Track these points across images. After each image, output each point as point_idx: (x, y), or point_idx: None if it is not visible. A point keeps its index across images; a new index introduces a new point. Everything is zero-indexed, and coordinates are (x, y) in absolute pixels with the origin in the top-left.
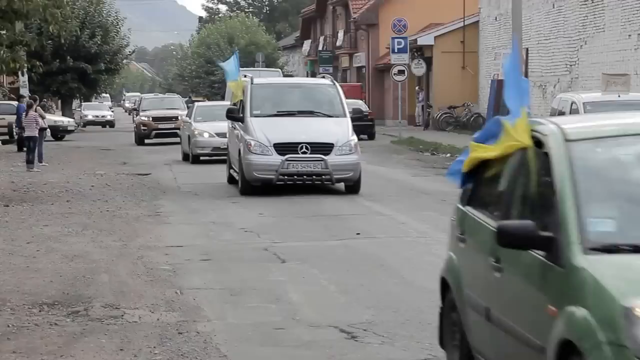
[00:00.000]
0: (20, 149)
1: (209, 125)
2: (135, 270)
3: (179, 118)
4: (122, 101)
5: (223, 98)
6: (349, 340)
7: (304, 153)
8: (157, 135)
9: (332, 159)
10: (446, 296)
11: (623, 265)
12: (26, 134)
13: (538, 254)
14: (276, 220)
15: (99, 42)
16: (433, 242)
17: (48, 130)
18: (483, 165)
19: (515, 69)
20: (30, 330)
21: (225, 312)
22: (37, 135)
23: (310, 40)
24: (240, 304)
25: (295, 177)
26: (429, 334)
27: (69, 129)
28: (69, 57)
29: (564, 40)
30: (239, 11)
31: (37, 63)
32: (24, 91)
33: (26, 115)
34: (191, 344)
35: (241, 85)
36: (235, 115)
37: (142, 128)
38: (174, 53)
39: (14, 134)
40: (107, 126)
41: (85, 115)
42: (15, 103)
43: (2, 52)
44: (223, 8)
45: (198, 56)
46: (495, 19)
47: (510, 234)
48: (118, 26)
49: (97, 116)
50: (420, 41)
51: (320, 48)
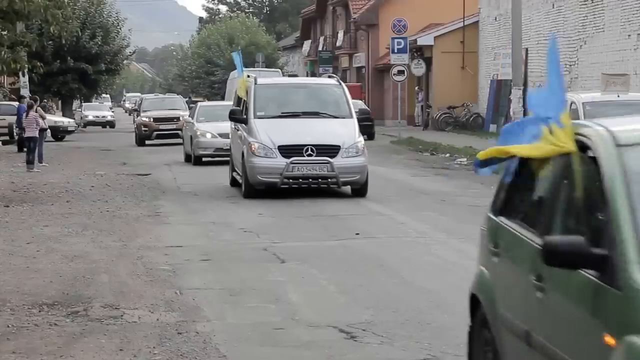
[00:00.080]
0: (20, 150)
1: (211, 126)
2: (135, 271)
3: (180, 119)
4: (123, 102)
5: (223, 98)
6: (348, 340)
7: (310, 155)
8: (158, 137)
9: (339, 161)
10: (476, 314)
11: None
12: (26, 134)
13: (589, 274)
14: (276, 220)
15: (99, 43)
16: (432, 242)
17: (48, 130)
18: (517, 171)
19: (554, 68)
20: (30, 330)
21: (224, 312)
22: (38, 135)
23: (310, 41)
24: (239, 304)
25: (300, 181)
26: (428, 334)
27: (69, 129)
28: (69, 58)
29: (564, 40)
30: (239, 12)
31: (38, 64)
32: (25, 92)
33: (26, 115)
34: (191, 344)
35: (244, 85)
36: (238, 116)
37: (143, 129)
38: (174, 53)
39: (15, 134)
40: (108, 127)
41: (86, 116)
42: (15, 104)
43: (3, 53)
44: (223, 8)
45: (198, 56)
46: (495, 19)
47: (559, 252)
48: (119, 27)
49: (98, 117)
50: (420, 41)
51: (320, 48)
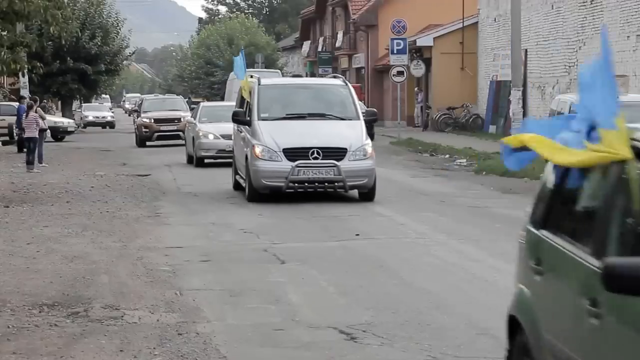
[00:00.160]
0: (20, 150)
1: (213, 127)
2: (135, 271)
3: (182, 120)
4: (122, 102)
5: (222, 99)
6: (348, 341)
7: (316, 159)
8: (159, 138)
9: (345, 164)
10: (516, 338)
11: None
12: (26, 135)
13: None
14: (275, 221)
15: (99, 43)
16: (432, 243)
17: (48, 131)
18: (562, 180)
19: (607, 68)
20: (30, 331)
21: (224, 313)
22: (37, 136)
23: (309, 41)
24: (239, 305)
25: (306, 185)
26: (428, 335)
27: (69, 130)
28: (69, 58)
29: (563, 41)
30: (238, 12)
31: (38, 64)
32: (25, 92)
33: (26, 116)
34: (191, 344)
35: (248, 86)
36: (241, 118)
37: (144, 130)
38: (174, 54)
39: (14, 135)
40: (108, 127)
41: (86, 116)
42: (15, 104)
43: (3, 54)
44: (223, 9)
45: (198, 57)
46: (495, 20)
47: (623, 277)
48: (118, 27)
49: (98, 117)
50: (419, 42)
51: (319, 49)
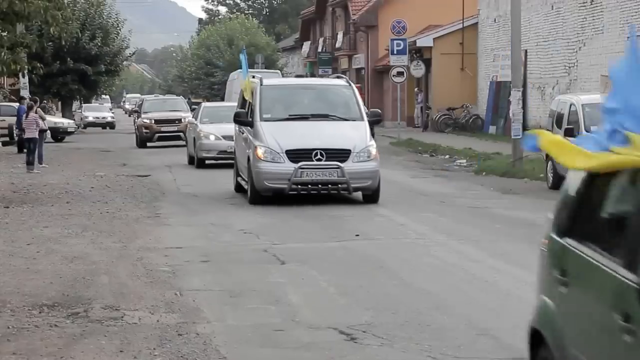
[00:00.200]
0: (20, 151)
1: (215, 128)
2: (134, 272)
3: (182, 120)
4: (122, 103)
5: (222, 99)
6: (348, 341)
7: (319, 160)
8: (160, 139)
9: (349, 166)
10: (538, 353)
11: None
12: (26, 135)
13: None
14: (275, 221)
15: (99, 44)
16: (432, 244)
17: (48, 131)
18: (588, 185)
19: (638, 69)
20: (30, 331)
21: (224, 314)
22: (37, 136)
23: (309, 42)
24: (239, 305)
25: (309, 187)
26: (427, 335)
27: (69, 130)
28: (69, 59)
29: (563, 42)
30: (238, 13)
31: (38, 65)
32: (25, 93)
33: (26, 116)
34: (191, 345)
35: (250, 86)
36: (243, 119)
37: (144, 131)
38: (174, 55)
39: (14, 135)
40: (108, 128)
41: (86, 117)
42: (15, 105)
43: (3, 54)
44: (223, 10)
45: (198, 58)
46: (494, 20)
47: None
48: (118, 28)
49: (98, 117)
50: (419, 43)
51: (319, 49)
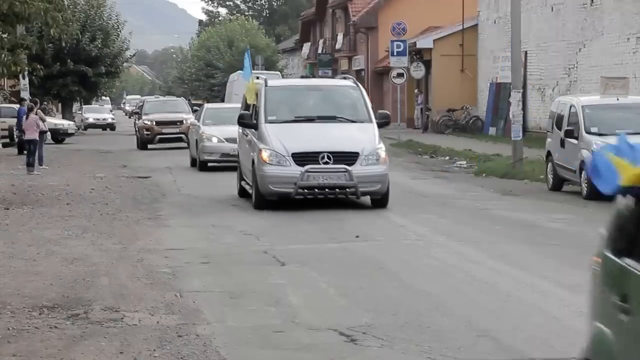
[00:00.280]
0: (20, 152)
1: (217, 130)
2: (135, 273)
3: (184, 122)
4: (123, 104)
5: (223, 101)
6: (348, 343)
7: (326, 163)
8: (161, 140)
9: (357, 169)
10: None
11: None
12: (26, 137)
13: None
14: (275, 223)
15: (99, 46)
16: (432, 245)
17: (48, 133)
18: None
19: None
20: (31, 333)
21: (224, 315)
22: (38, 138)
23: (309, 43)
24: (239, 306)
25: (316, 191)
26: (428, 337)
27: (69, 132)
28: (69, 61)
29: (563, 43)
30: (238, 14)
31: (38, 66)
32: (25, 94)
33: (27, 118)
34: (191, 346)
35: (254, 88)
36: (247, 121)
37: (145, 133)
38: (174, 56)
39: (15, 137)
40: (108, 129)
41: (87, 118)
42: (16, 106)
43: (4, 56)
44: (223, 11)
45: (198, 59)
46: (494, 22)
47: None
48: (118, 29)
49: (99, 119)
50: (419, 44)
51: (319, 51)
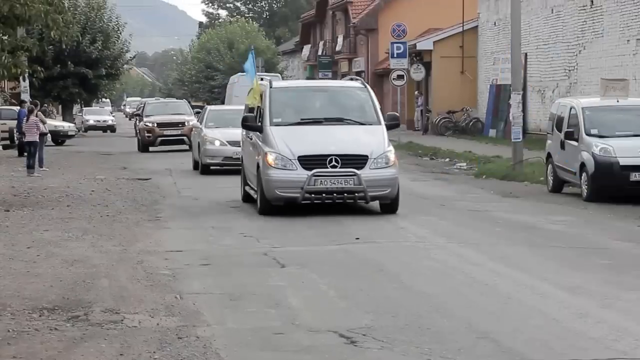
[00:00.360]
0: (20, 154)
1: (220, 132)
2: (135, 275)
3: (186, 124)
4: (123, 106)
5: (223, 103)
6: (348, 345)
7: (334, 167)
8: (163, 143)
9: (366, 173)
10: None
11: None
12: (27, 139)
13: None
14: (275, 224)
15: (99, 48)
16: (432, 247)
17: (49, 135)
18: None
19: None
20: (31, 335)
21: (224, 317)
22: (38, 140)
23: (309, 45)
24: (239, 308)
25: (323, 195)
26: (428, 338)
27: (70, 134)
28: (69, 63)
29: (563, 45)
30: (239, 16)
31: (39, 68)
32: (25, 96)
33: (27, 120)
34: (191, 348)
35: (258, 90)
36: (252, 124)
37: (147, 135)
38: (174, 58)
39: (15, 139)
40: (109, 131)
41: (87, 120)
42: (16, 108)
43: (4, 58)
44: (223, 13)
45: (198, 61)
46: (494, 24)
47: None
48: (119, 31)
49: (99, 121)
50: (419, 46)
51: (319, 53)
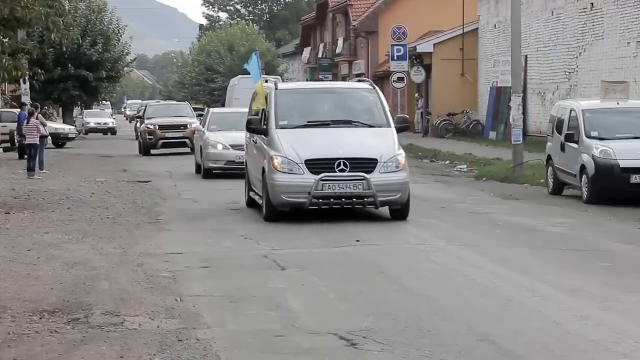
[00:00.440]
0: (21, 157)
1: (223, 136)
2: (135, 278)
3: (188, 126)
4: (123, 108)
5: (223, 105)
6: (348, 347)
7: (342, 171)
8: (164, 145)
9: (376, 177)
10: None
11: None
12: (27, 141)
13: None
14: (275, 227)
15: (100, 50)
16: (432, 249)
17: (49, 137)
18: None
19: None
20: (31, 337)
21: (224, 319)
22: (38, 142)
23: (310, 48)
24: (239, 311)
25: (332, 201)
26: (428, 341)
27: (70, 136)
28: (70, 65)
29: (563, 47)
30: (239, 19)
31: (39, 71)
32: (26, 99)
33: (27, 122)
34: (191, 351)
35: (262, 92)
36: (257, 127)
37: (148, 137)
38: (175, 60)
39: (15, 141)
40: (109, 133)
41: (88, 123)
42: (16, 111)
43: (4, 60)
44: (223, 16)
45: (198, 63)
46: (495, 26)
47: None
48: (119, 34)
49: (99, 123)
50: (419, 48)
51: (319, 55)
